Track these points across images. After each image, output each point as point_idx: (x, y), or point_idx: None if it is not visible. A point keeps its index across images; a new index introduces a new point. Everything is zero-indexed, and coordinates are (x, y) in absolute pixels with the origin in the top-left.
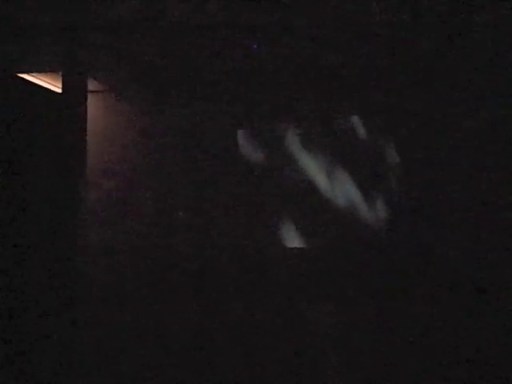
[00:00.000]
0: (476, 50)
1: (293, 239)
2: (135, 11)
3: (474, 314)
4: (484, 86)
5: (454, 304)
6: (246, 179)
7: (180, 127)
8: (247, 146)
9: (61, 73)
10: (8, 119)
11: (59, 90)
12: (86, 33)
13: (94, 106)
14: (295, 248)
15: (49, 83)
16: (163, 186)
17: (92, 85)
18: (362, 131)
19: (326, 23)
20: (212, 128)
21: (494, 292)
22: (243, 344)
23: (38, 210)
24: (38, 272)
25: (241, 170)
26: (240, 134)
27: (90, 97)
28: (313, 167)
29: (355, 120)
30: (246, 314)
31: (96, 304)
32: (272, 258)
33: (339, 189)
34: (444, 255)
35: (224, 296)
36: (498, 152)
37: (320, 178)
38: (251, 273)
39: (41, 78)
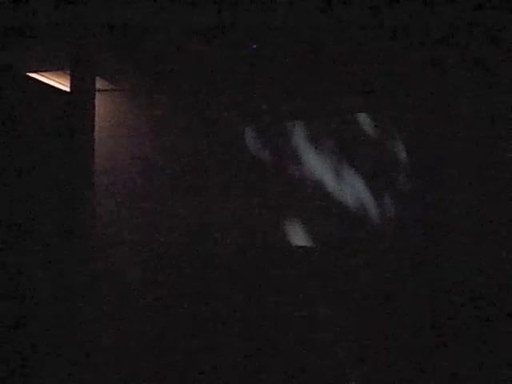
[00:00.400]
0: (483, 49)
1: (299, 238)
2: (143, 11)
3: (477, 314)
4: (494, 86)
5: (460, 305)
6: (253, 177)
7: (187, 126)
8: (254, 145)
9: (69, 71)
10: (16, 117)
11: (67, 89)
12: (95, 31)
13: (102, 105)
14: (301, 246)
15: (57, 82)
16: (170, 184)
17: (100, 84)
18: (370, 129)
19: (331, 19)
20: (219, 127)
21: (499, 295)
22: (249, 342)
23: (46, 208)
24: (44, 268)
25: (248, 168)
26: (246, 132)
27: (98, 96)
28: (320, 165)
29: (363, 117)
30: (252, 313)
31: (102, 301)
32: (278, 257)
33: (347, 187)
34: (451, 255)
35: (229, 294)
36: (507, 152)
37: (327, 176)
38: (257, 270)
39: (49, 76)
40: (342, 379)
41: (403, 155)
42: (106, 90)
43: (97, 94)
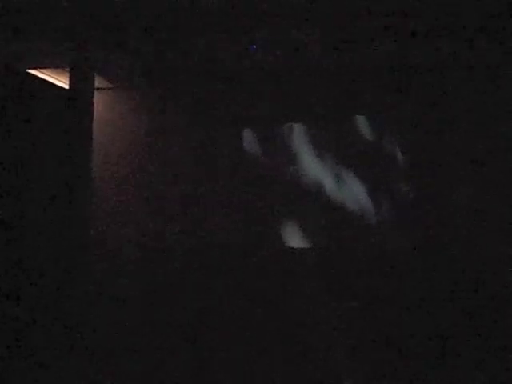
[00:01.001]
0: (487, 53)
1: (297, 240)
2: (142, 9)
3: (477, 314)
4: (494, 88)
5: (460, 306)
6: (251, 180)
7: (186, 126)
8: (252, 146)
9: (68, 69)
10: (16, 113)
11: (66, 86)
12: (94, 29)
13: (100, 103)
14: (298, 248)
15: (56, 79)
16: (169, 185)
17: (99, 82)
18: (368, 132)
19: (333, 22)
20: (218, 127)
21: (500, 293)
22: (244, 344)
23: (43, 205)
24: (43, 267)
25: (246, 170)
26: (245, 133)
27: (96, 94)
28: (318, 168)
29: (362, 120)
30: (250, 315)
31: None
32: (275, 259)
33: (344, 189)
34: (450, 256)
35: (226, 296)
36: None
37: (325, 179)
38: (254, 272)
39: (49, 73)
40: (339, 381)
41: (402, 157)
42: (104, 88)
43: (95, 91)
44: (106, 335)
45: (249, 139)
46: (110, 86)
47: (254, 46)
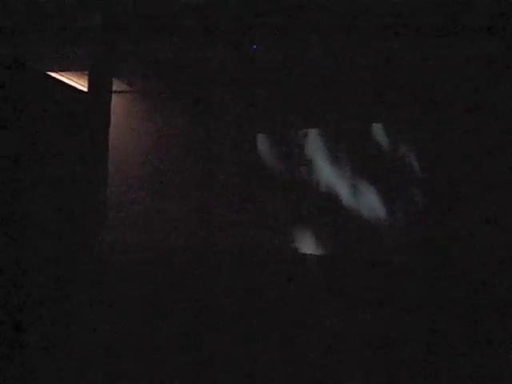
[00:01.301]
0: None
1: (310, 246)
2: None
3: (487, 317)
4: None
5: (472, 313)
6: (263, 185)
7: (201, 131)
8: (265, 152)
9: (87, 72)
10: (34, 114)
11: (85, 89)
12: (114, 34)
13: (118, 106)
14: (312, 255)
15: (76, 82)
16: (182, 188)
17: (117, 85)
18: (383, 139)
19: (344, 26)
20: (232, 132)
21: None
22: (244, 344)
23: (59, 208)
24: (52, 267)
25: (258, 175)
26: (258, 139)
27: (114, 97)
28: (332, 174)
29: (376, 128)
30: (250, 315)
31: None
32: (289, 265)
33: (358, 196)
34: (463, 263)
35: (237, 302)
36: None
37: (339, 185)
38: (266, 278)
39: (69, 76)
40: (339, 381)
41: (415, 165)
42: (121, 92)
43: (113, 95)
44: (106, 335)
45: (263, 146)
46: (128, 89)
47: (254, 46)
